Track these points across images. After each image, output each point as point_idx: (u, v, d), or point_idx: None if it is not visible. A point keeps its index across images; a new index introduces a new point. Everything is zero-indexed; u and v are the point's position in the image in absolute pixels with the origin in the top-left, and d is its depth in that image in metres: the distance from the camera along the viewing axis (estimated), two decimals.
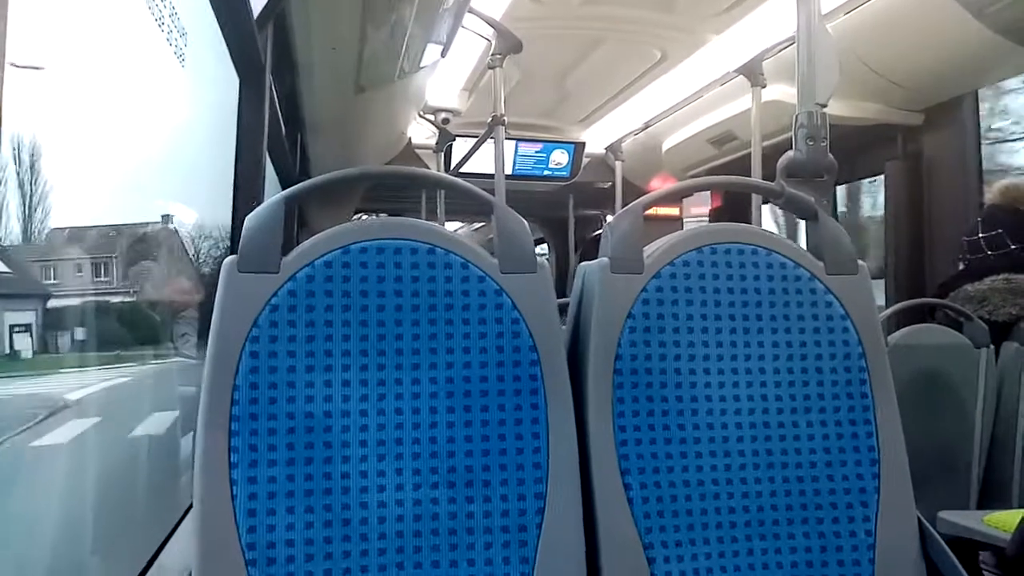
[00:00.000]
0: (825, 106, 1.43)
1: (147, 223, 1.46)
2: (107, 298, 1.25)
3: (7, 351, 0.96)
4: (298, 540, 0.85)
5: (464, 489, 0.90)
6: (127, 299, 1.33)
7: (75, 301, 1.15)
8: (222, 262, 0.90)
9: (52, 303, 1.06)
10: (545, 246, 5.53)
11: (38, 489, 0.98)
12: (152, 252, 1.49)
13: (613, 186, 4.08)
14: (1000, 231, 2.27)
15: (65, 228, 1.09)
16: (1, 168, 0.83)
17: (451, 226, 5.85)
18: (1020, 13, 1.98)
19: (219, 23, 1.53)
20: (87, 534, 1.10)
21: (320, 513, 0.86)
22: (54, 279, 1.08)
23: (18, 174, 0.88)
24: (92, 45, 1.03)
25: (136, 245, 1.38)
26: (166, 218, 1.57)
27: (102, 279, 1.22)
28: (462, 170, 3.57)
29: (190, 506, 1.23)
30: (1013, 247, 2.24)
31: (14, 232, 0.95)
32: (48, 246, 1.06)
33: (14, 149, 0.84)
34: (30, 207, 0.95)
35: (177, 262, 1.68)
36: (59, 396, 1.06)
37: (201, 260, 1.84)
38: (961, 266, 2.38)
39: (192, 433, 0.87)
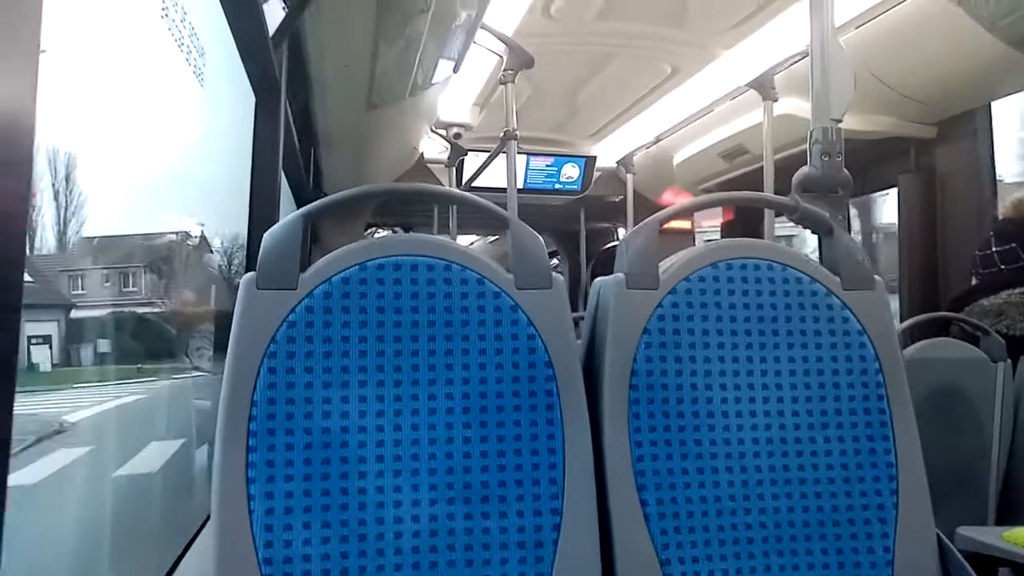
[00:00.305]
0: (840, 121, 1.43)
1: (176, 232, 1.45)
2: (133, 309, 1.23)
3: (24, 364, 0.92)
4: (315, 555, 0.85)
5: (480, 505, 0.90)
6: (153, 311, 1.32)
7: (100, 312, 1.12)
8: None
9: (76, 314, 1.04)
10: (557, 258, 5.55)
11: None
12: (180, 263, 1.49)
13: (624, 199, 4.09)
14: (1013, 245, 2.25)
15: (93, 237, 1.08)
16: (38, 178, 0.83)
17: (467, 239, 5.87)
18: None
19: (236, 42, 1.55)
20: None
21: (337, 528, 0.86)
22: (81, 289, 1.06)
23: (53, 185, 0.89)
24: (122, 71, 1.04)
25: (164, 255, 1.37)
26: (187, 233, 1.57)
27: (129, 289, 1.21)
28: (474, 184, 3.59)
29: (205, 520, 1.22)
30: None
31: (48, 242, 0.95)
32: (76, 255, 1.05)
33: (49, 161, 0.85)
34: (64, 219, 0.96)
35: (205, 274, 1.67)
36: (53, 419, 0.97)
37: (233, 272, 1.85)
38: (974, 280, 2.36)
39: (207, 447, 0.85)
